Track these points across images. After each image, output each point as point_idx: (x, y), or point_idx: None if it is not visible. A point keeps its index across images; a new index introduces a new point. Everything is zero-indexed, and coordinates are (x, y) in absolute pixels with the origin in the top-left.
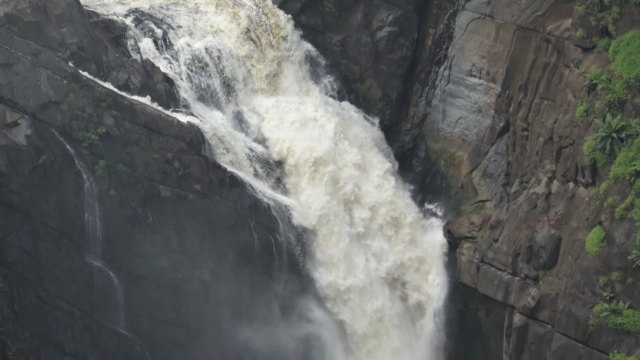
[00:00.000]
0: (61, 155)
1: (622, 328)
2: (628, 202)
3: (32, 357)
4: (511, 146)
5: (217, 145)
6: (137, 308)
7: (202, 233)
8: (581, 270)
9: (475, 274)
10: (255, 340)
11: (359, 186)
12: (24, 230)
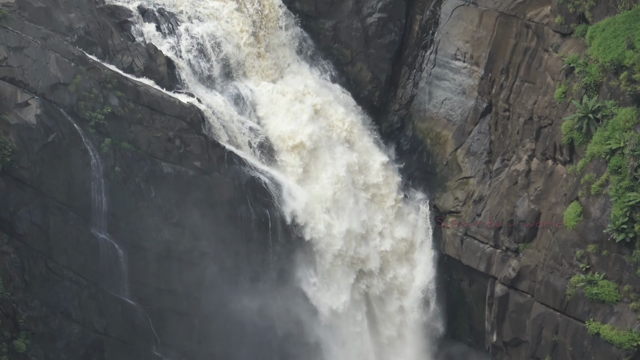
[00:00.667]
0: (69, 134)
1: (597, 298)
2: (603, 179)
3: (41, 324)
4: (493, 126)
5: (216, 125)
6: (140, 278)
7: (201, 207)
8: (559, 243)
9: (459, 247)
10: (251, 309)
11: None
12: (33, 204)
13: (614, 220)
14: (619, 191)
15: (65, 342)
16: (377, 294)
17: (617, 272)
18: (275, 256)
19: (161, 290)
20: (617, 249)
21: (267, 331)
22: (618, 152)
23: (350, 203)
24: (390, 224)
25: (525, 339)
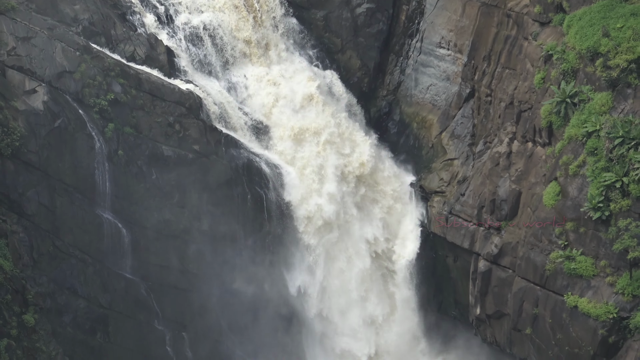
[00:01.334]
0: (74, 119)
1: (575, 272)
2: (580, 160)
3: (49, 299)
4: (476, 110)
5: (213, 109)
6: (142, 255)
7: (200, 188)
8: (539, 221)
9: (444, 225)
10: (247, 284)
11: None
12: (41, 186)
13: (591, 199)
14: (595, 172)
15: (71, 316)
16: (369, 270)
17: (594, 248)
18: (270, 235)
19: (162, 267)
20: (594, 227)
21: (262, 305)
22: (594, 134)
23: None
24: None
25: (507, 312)
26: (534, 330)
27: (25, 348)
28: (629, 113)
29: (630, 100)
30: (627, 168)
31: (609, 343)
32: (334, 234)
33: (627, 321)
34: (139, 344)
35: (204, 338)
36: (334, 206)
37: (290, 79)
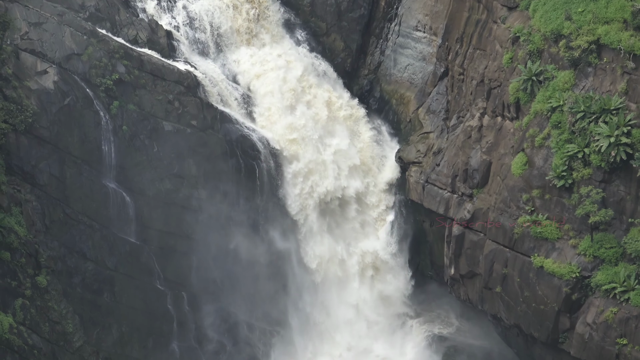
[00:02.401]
0: (82, 97)
1: (541, 235)
2: (545, 133)
3: (59, 262)
4: (450, 87)
5: (210, 88)
6: (145, 221)
7: (198, 160)
8: (507, 189)
9: (421, 192)
10: (242, 247)
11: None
12: (52, 158)
13: (555, 169)
14: (559, 143)
15: (80, 277)
16: (353, 230)
17: (558, 213)
18: (262, 202)
19: (163, 232)
20: (558, 193)
21: (256, 266)
22: (558, 109)
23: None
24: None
25: (479, 272)
26: (504, 288)
27: (38, 307)
28: (589, 90)
29: (590, 78)
30: (588, 140)
31: (572, 300)
32: (322, 197)
33: (589, 280)
34: (142, 303)
35: (202, 297)
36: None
37: (279, 59)
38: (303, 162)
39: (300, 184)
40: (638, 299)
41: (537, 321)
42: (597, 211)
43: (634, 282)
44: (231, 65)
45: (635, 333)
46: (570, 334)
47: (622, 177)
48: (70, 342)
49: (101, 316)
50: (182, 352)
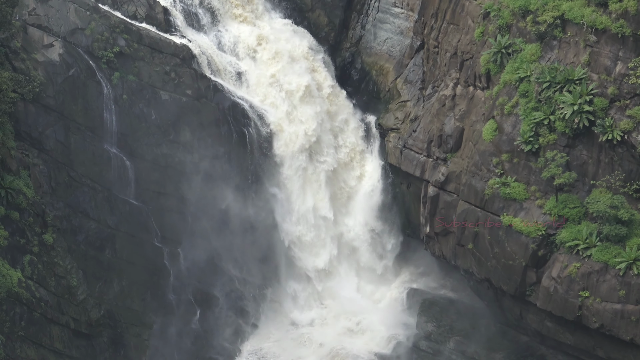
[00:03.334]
0: (86, 69)
1: (509, 196)
2: (514, 101)
3: (64, 221)
4: (425, 59)
5: (203, 60)
6: (143, 184)
7: (192, 127)
8: (479, 153)
9: (399, 157)
10: (233, 207)
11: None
12: (58, 125)
13: (523, 134)
14: (527, 111)
15: (84, 235)
16: (337, 193)
17: (526, 175)
18: (252, 166)
19: (160, 194)
20: (525, 157)
21: (246, 225)
22: (525, 79)
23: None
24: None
25: (452, 230)
26: (475, 245)
27: (45, 263)
28: (554, 61)
29: (555, 51)
30: (554, 108)
31: (538, 256)
32: (306, 160)
33: (554, 237)
34: (141, 259)
35: (196, 253)
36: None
37: (267, 32)
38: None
39: (289, 146)
40: (599, 255)
41: (506, 275)
42: (561, 174)
43: (596, 240)
44: (223, 38)
45: (596, 286)
46: (537, 288)
47: (585, 143)
48: (74, 295)
49: (103, 271)
50: (178, 304)
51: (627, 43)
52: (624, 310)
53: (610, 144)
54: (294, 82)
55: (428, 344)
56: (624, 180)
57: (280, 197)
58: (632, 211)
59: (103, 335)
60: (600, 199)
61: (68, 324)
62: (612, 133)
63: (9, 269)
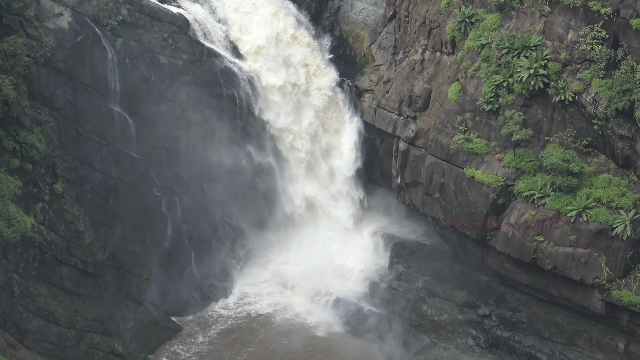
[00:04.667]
0: (92, 35)
1: (472, 151)
2: (476, 65)
3: (73, 172)
4: (397, 28)
5: (198, 28)
6: (144, 139)
7: (188, 87)
8: (445, 112)
9: (373, 115)
10: (224, 160)
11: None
12: (67, 86)
13: (484, 95)
14: (488, 74)
15: (90, 185)
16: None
17: (487, 132)
18: (241, 122)
19: (159, 148)
20: (487, 116)
21: (236, 175)
22: (487, 46)
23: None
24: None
25: (421, 181)
26: (441, 194)
27: (55, 210)
28: (513, 30)
29: (514, 20)
30: (512, 71)
31: (498, 204)
32: (290, 115)
33: (512, 187)
34: (141, 207)
35: (190, 201)
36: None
37: (255, 4)
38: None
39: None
40: (552, 204)
41: (469, 222)
42: (518, 131)
43: (549, 190)
44: (216, 8)
45: (550, 232)
46: (496, 233)
47: (540, 103)
48: (82, 239)
49: (107, 217)
50: (175, 247)
51: (578, 13)
52: (574, 254)
53: (563, 104)
54: (280, 50)
55: (399, 284)
56: (574, 137)
57: (267, 149)
58: (582, 164)
59: (107, 275)
60: (554, 153)
61: (76, 265)
62: (564, 94)
63: (23, 215)
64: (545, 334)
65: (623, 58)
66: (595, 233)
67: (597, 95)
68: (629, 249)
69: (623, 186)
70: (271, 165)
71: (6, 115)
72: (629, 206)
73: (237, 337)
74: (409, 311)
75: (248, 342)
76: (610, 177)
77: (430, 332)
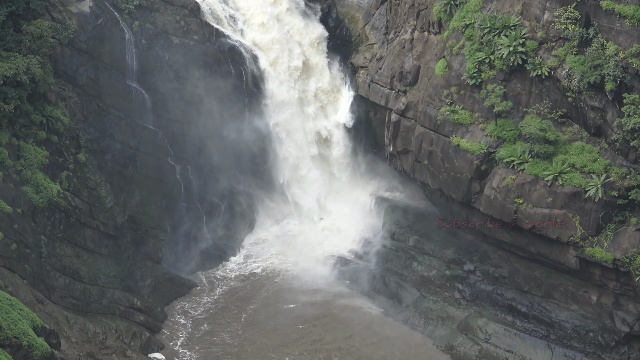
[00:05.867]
0: (111, 19)
1: (457, 121)
2: (461, 44)
3: (95, 143)
4: (389, 10)
5: (207, 11)
6: (159, 112)
7: (198, 66)
8: (432, 86)
9: (368, 89)
10: (232, 131)
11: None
12: (89, 65)
13: (468, 71)
14: (471, 52)
15: (111, 155)
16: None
17: (471, 104)
18: (247, 97)
19: (173, 120)
20: (470, 90)
21: (243, 145)
22: (470, 26)
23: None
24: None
25: (411, 149)
26: (430, 161)
27: (79, 177)
28: (494, 11)
29: (495, 2)
30: (493, 49)
31: (481, 170)
32: (291, 89)
33: (494, 155)
34: (157, 174)
35: (202, 169)
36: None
37: None
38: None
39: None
40: (531, 169)
41: (455, 186)
42: (499, 103)
43: (528, 156)
44: None
45: (528, 194)
46: (480, 196)
47: (519, 77)
48: (103, 204)
49: (126, 184)
50: (188, 210)
51: None
52: (551, 214)
53: (539, 79)
54: (281, 28)
55: (392, 242)
56: (550, 108)
57: (271, 120)
58: (557, 133)
59: (127, 236)
60: (532, 123)
61: (98, 227)
62: (540, 69)
63: (49, 182)
64: (525, 287)
65: (594, 36)
66: (570, 195)
67: (571, 70)
68: (601, 210)
69: (595, 153)
70: (275, 134)
71: (34, 92)
72: (600, 171)
73: (243, 294)
74: (401, 268)
75: (252, 299)
76: (583, 145)
77: (421, 287)
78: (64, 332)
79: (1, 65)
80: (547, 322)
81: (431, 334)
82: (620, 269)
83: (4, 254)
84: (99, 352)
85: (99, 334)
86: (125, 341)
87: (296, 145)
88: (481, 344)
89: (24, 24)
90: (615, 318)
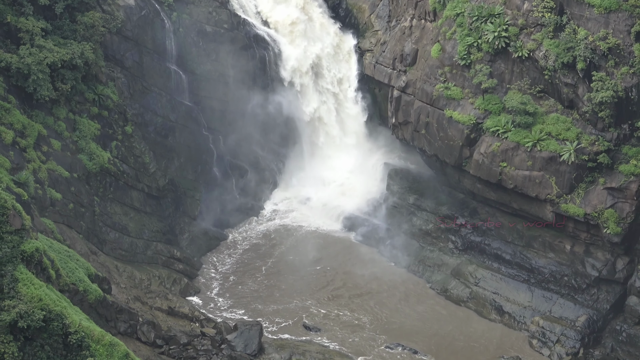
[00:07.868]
0: (153, 10)
1: (450, 96)
2: (453, 30)
3: (140, 117)
4: (391, 1)
5: (235, 3)
6: (194, 90)
7: (228, 51)
8: (429, 66)
9: (373, 69)
10: (259, 105)
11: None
12: (134, 50)
13: (459, 53)
14: (462, 37)
15: (153, 127)
16: (332, 94)
17: (461, 82)
18: (270, 77)
19: (206, 97)
20: (461, 69)
21: (267, 118)
22: (461, 14)
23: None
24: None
25: (411, 121)
26: (427, 131)
27: (126, 146)
28: (481, 1)
29: None
30: (480, 34)
31: (471, 138)
32: (308, 73)
33: (481, 125)
34: (193, 143)
35: (231, 139)
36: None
37: None
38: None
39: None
40: (513, 137)
41: (448, 152)
42: (486, 80)
43: (510, 126)
44: None
45: (511, 159)
46: (470, 160)
47: (503, 58)
48: (147, 169)
49: (167, 152)
50: (220, 174)
51: None
52: (530, 176)
53: (520, 59)
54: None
55: (394, 200)
56: (530, 84)
57: (291, 98)
58: (536, 106)
59: (167, 197)
60: (514, 97)
61: (143, 189)
62: (521, 51)
63: (101, 151)
64: (509, 238)
65: (567, 23)
66: (547, 159)
67: (547, 52)
68: (573, 172)
69: (568, 123)
70: (294, 109)
71: (87, 73)
72: (573, 138)
73: (265, 248)
74: (403, 222)
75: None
76: (558, 116)
77: (419, 239)
78: (114, 279)
79: (59, 51)
80: (527, 268)
81: (429, 278)
82: (590, 222)
83: (62, 213)
84: (145, 295)
85: (144, 280)
86: (166, 286)
87: (315, 118)
88: (471, 287)
89: (78, 15)
90: (586, 264)
